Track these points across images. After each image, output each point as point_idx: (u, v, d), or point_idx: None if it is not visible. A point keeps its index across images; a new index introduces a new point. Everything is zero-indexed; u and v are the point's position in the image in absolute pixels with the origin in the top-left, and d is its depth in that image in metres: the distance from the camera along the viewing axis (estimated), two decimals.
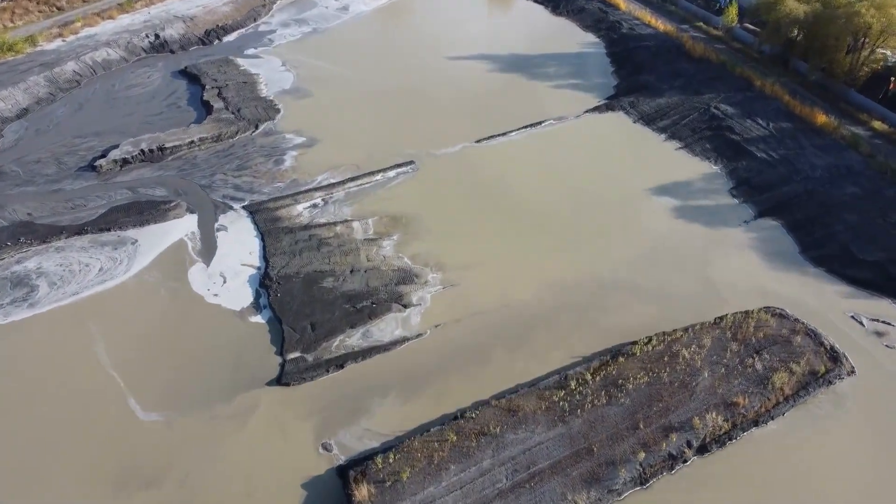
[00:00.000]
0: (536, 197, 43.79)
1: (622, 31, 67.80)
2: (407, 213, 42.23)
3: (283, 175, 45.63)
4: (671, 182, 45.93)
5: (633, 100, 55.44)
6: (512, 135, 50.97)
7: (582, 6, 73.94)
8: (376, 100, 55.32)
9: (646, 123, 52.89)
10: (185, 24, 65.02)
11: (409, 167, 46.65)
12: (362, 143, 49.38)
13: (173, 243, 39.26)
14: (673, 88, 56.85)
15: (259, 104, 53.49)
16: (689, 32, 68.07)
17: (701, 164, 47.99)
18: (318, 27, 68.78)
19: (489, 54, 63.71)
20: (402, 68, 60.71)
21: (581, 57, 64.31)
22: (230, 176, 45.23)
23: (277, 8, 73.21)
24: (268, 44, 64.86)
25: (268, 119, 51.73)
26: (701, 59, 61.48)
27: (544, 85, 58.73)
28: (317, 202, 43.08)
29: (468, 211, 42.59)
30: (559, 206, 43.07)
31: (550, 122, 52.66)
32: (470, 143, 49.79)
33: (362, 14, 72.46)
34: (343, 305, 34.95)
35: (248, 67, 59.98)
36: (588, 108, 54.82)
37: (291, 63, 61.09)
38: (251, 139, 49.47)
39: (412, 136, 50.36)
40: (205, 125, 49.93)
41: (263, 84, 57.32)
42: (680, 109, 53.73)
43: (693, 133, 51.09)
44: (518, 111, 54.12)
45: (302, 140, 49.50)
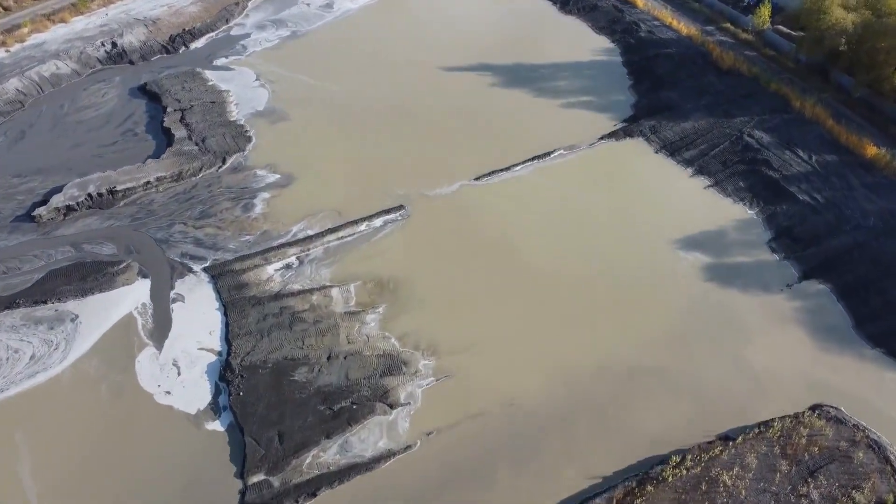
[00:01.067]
0: (544, 253, 38.53)
1: (640, 34, 61.43)
2: (395, 275, 37.06)
3: (253, 225, 40.25)
4: (700, 232, 40.65)
5: (655, 123, 49.62)
6: (517, 169, 45.40)
7: (594, 3, 67.19)
8: (362, 123, 49.52)
9: (669, 154, 47.25)
10: (147, 29, 58.61)
11: (399, 213, 41.25)
12: (345, 181, 43.86)
13: (120, 319, 34.15)
14: (699, 109, 50.97)
15: (228, 131, 47.69)
16: (715, 36, 61.73)
17: (734, 208, 42.59)
18: (298, 29, 62.30)
19: (490, 64, 57.56)
20: (392, 82, 54.68)
21: (594, 67, 58.15)
22: (191, 227, 39.84)
23: (253, 6, 66.46)
24: (240, 51, 58.57)
25: (237, 150, 46.05)
26: (730, 70, 55.38)
27: (553, 103, 52.81)
28: (291, 262, 37.83)
29: (466, 272, 37.41)
30: (571, 265, 37.86)
31: (561, 153, 47.02)
32: (468, 180, 44.24)
33: (348, 13, 65.83)
34: (318, 407, 30.04)
35: (218, 82, 53.92)
36: (604, 134, 49.08)
37: (266, 76, 54.99)
38: (217, 177, 43.90)
39: (402, 170, 44.80)
40: (164, 161, 44.28)
41: (234, 104, 51.39)
42: (708, 137, 48.01)
43: (724, 167, 45.52)
44: (523, 136, 48.42)
45: (275, 178, 43.93)
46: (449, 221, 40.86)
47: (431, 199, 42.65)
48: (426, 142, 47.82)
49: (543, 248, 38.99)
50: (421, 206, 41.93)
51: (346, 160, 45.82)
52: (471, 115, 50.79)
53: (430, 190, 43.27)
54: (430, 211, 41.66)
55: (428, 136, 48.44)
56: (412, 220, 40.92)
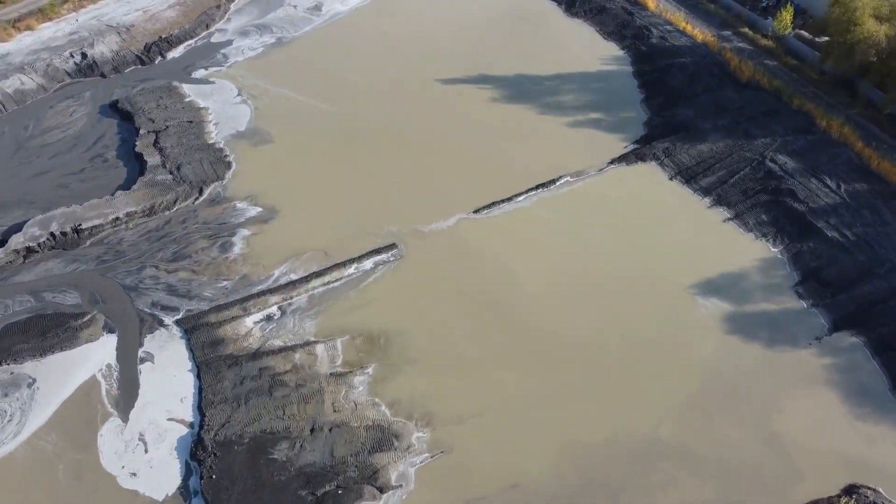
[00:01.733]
0: (549, 302, 35.53)
1: (651, 40, 57.75)
2: (386, 328, 34.16)
3: (231, 268, 37.23)
4: (720, 274, 37.68)
5: (669, 146, 46.33)
6: (519, 199, 42.24)
7: (602, 4, 63.26)
8: (350, 146, 46.14)
9: (685, 181, 44.05)
10: (121, 37, 54.88)
11: (391, 254, 38.21)
12: (332, 214, 40.71)
13: (83, 384, 31.26)
14: (717, 129, 47.62)
15: (205, 156, 44.38)
16: (732, 42, 58.09)
17: (756, 245, 39.58)
18: (284, 35, 58.52)
19: (490, 75, 53.97)
20: (384, 97, 51.14)
21: (602, 78, 54.61)
22: (163, 270, 36.81)
23: (235, 8, 62.42)
24: (221, 61, 54.89)
25: (215, 179, 42.79)
26: (749, 83, 51.92)
27: (559, 121, 49.42)
28: (272, 312, 34.90)
29: (463, 325, 34.51)
30: (579, 317, 34.94)
31: (567, 180, 43.79)
32: (467, 213, 41.12)
33: (338, 16, 61.93)
34: (299, 492, 27.32)
35: (196, 98, 50.40)
36: (614, 158, 45.83)
37: (249, 90, 51.44)
38: (193, 210, 40.72)
39: (395, 201, 41.62)
40: (135, 193, 41.04)
41: (213, 123, 47.95)
42: (727, 161, 44.78)
43: (745, 197, 42.37)
44: (527, 159, 45.15)
45: (256, 212, 40.76)
46: (445, 263, 37.83)
47: (426, 236, 39.57)
48: (420, 167, 44.56)
49: (548, 296, 36.01)
50: (415, 245, 38.87)
51: (334, 189, 42.61)
52: (469, 136, 47.44)
53: (425, 225, 40.17)
54: (424, 250, 38.61)
55: (422, 160, 45.14)
56: (405, 261, 37.89)
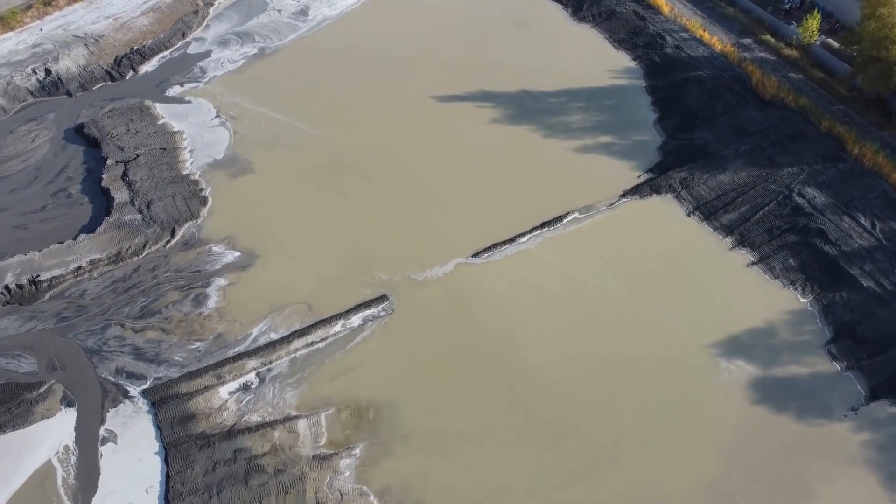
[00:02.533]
0: (557, 365, 32.52)
1: (666, 50, 53.94)
2: (375, 397, 31.26)
3: (205, 326, 34.21)
4: (744, 330, 34.67)
5: (686, 175, 42.96)
6: (523, 240, 39.04)
7: (612, 8, 59.18)
8: (338, 176, 42.64)
9: (704, 217, 40.77)
10: (88, 50, 51.07)
11: (381, 307, 35.16)
12: (317, 259, 37.57)
13: (36, 471, 28.46)
14: (739, 155, 44.20)
15: (179, 191, 41.03)
16: (753, 52, 54.29)
17: (783, 295, 36.51)
18: (267, 45, 54.65)
19: (491, 92, 50.26)
20: (375, 118, 47.45)
21: (613, 94, 50.91)
22: (130, 329, 33.80)
23: (214, 14, 58.38)
24: (198, 76, 51.14)
25: (189, 218, 39.53)
26: (773, 101, 48.30)
27: (565, 146, 45.95)
28: (249, 380, 32.00)
29: (461, 394, 31.59)
30: (590, 381, 31.96)
31: (575, 216, 40.58)
32: (465, 257, 37.99)
33: (326, 23, 57.90)
34: None
35: (170, 120, 46.85)
36: (626, 190, 42.51)
37: (228, 111, 47.84)
38: (164, 256, 37.55)
39: (386, 244, 38.40)
40: (100, 237, 37.79)
41: (188, 150, 44.52)
42: (751, 195, 41.44)
43: (770, 237, 39.17)
44: (530, 192, 41.82)
45: (234, 257, 37.61)
46: (441, 319, 34.78)
47: (421, 285, 36.46)
48: (414, 201, 41.18)
49: (556, 357, 33.01)
50: (408, 297, 35.79)
51: (319, 228, 39.40)
52: (467, 164, 43.98)
53: (418, 272, 37.05)
54: (418, 303, 35.54)
55: (416, 193, 41.71)
56: (397, 316, 34.85)
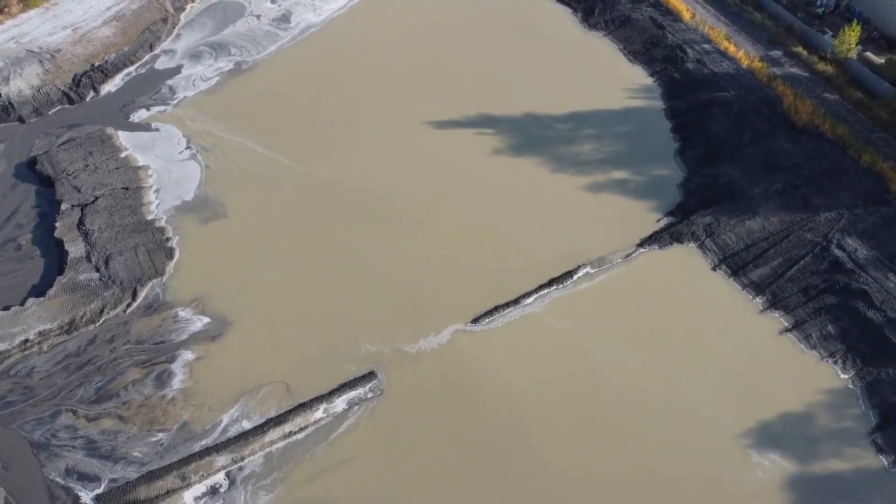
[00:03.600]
0: (569, 455, 29.08)
1: (686, 65, 49.35)
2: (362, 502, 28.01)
3: (169, 412, 30.65)
4: (777, 414, 31.22)
5: (712, 221, 39.01)
6: (528, 301, 35.32)
7: (627, 14, 54.30)
8: (322, 222, 38.48)
9: (732, 271, 36.98)
10: (44, 67, 46.40)
11: (369, 387, 31.55)
12: (296, 329, 33.77)
13: None
14: (770, 196, 40.17)
15: (142, 240, 37.02)
16: (783, 67, 49.74)
17: (821, 370, 32.99)
18: (244, 58, 49.91)
19: (494, 116, 45.83)
20: (364, 151, 42.99)
21: (628, 118, 46.53)
22: (83, 417, 30.15)
23: (186, 21, 53.41)
24: (167, 97, 46.57)
25: (153, 275, 35.65)
26: (807, 129, 44.08)
27: (574, 183, 41.79)
28: (217, 482, 28.60)
29: (462, 494, 28.28)
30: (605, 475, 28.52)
31: (586, 271, 36.80)
32: (464, 323, 34.29)
33: (309, 31, 53.02)
34: None
35: (134, 151, 42.52)
36: (643, 238, 38.61)
37: (199, 140, 43.48)
38: (124, 324, 33.69)
39: (374, 307, 34.57)
40: (50, 301, 33.93)
41: (153, 190, 40.34)
42: (784, 246, 37.58)
43: (806, 298, 35.49)
44: (536, 241, 37.89)
45: (203, 324, 33.83)
46: (436, 402, 31.22)
47: (413, 359, 32.83)
48: (406, 256, 37.11)
49: (566, 450, 29.50)
50: (398, 373, 32.18)
51: (299, 289, 35.52)
52: (466, 208, 39.74)
53: (411, 342, 33.37)
54: (410, 382, 31.93)
55: (408, 246, 37.62)
56: (386, 398, 31.29)
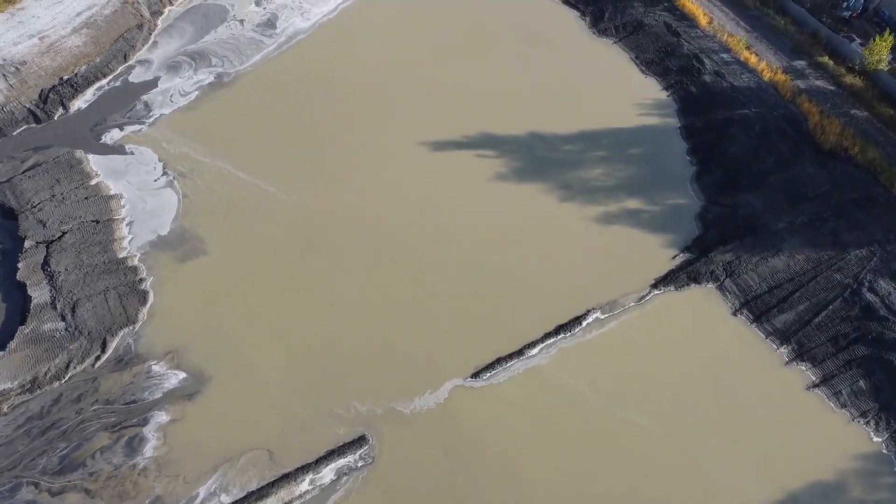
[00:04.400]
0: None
1: (704, 77, 46.13)
2: None
3: (140, 484, 28.23)
4: (805, 484, 28.86)
5: (732, 258, 36.30)
6: (533, 352, 32.77)
7: (639, 19, 50.77)
8: (309, 263, 35.62)
9: (754, 317, 34.38)
10: (8, 83, 43.05)
11: (359, 454, 29.13)
12: (281, 387, 31.14)
13: None
14: (795, 230, 37.45)
15: (113, 283, 34.26)
16: (808, 79, 46.55)
17: (851, 432, 30.56)
18: (226, 70, 46.58)
19: (495, 135, 42.78)
20: (355, 177, 39.84)
21: (641, 137, 43.48)
22: (46, 490, 27.68)
23: (163, 26, 49.91)
24: (142, 114, 43.36)
25: (125, 323, 32.93)
26: (835, 151, 41.17)
27: (582, 213, 38.96)
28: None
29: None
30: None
31: (596, 317, 34.21)
32: (463, 378, 31.79)
33: (297, 38, 49.55)
34: None
35: (105, 178, 39.53)
36: (657, 278, 35.97)
37: (177, 164, 40.47)
38: (92, 380, 31.05)
39: (366, 362, 31.88)
40: (11, 357, 31.15)
41: (126, 223, 37.43)
42: (811, 288, 34.95)
43: (835, 349, 32.98)
44: (542, 282, 35.17)
45: (179, 380, 31.26)
46: (434, 469, 28.83)
47: (408, 420, 30.35)
48: (400, 302, 34.30)
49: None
50: (392, 437, 29.72)
51: (284, 339, 32.73)
52: (465, 245, 36.75)
53: (406, 401, 30.86)
54: (405, 447, 29.47)
55: (403, 289, 34.72)
56: (378, 467, 28.86)
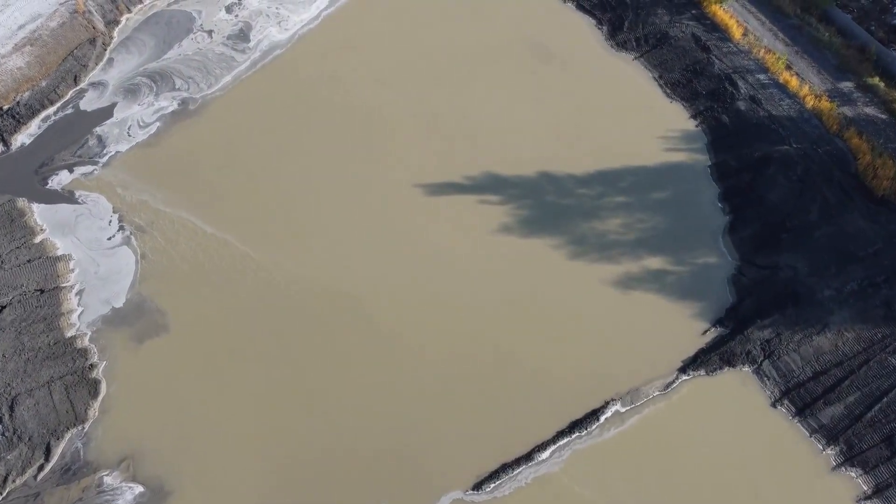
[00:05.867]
0: None
1: (737, 104, 40.97)
2: None
3: None
4: None
5: (771, 335, 32.12)
6: (543, 456, 28.84)
7: (663, 30, 45.03)
8: (285, 344, 31.24)
9: (796, 409, 30.35)
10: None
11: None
12: (252, 497, 27.61)
13: None
14: (843, 300, 33.16)
15: (59, 372, 29.98)
16: (856, 105, 41.49)
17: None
18: (192, 94, 41.06)
19: (497, 175, 37.86)
20: (337, 230, 35.13)
21: (666, 179, 38.55)
22: None
23: (120, 39, 43.99)
24: (95, 152, 38.16)
25: (73, 422, 28.79)
26: (888, 199, 36.61)
27: (599, 276, 34.40)
28: None
29: None
30: None
31: (616, 409, 30.28)
32: (463, 491, 27.96)
33: (273, 53, 43.70)
34: None
35: (51, 234, 34.74)
36: (685, 361, 31.87)
37: (134, 215, 35.55)
38: (34, 498, 27.12)
39: (350, 470, 28.04)
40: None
41: (75, 292, 32.87)
42: (862, 376, 30.80)
43: (890, 452, 29.05)
44: (553, 369, 31.02)
45: (136, 496, 27.14)
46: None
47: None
48: (393, 397, 30.10)
49: None
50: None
51: (257, 440, 28.69)
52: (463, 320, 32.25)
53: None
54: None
55: (391, 380, 30.43)
56: None
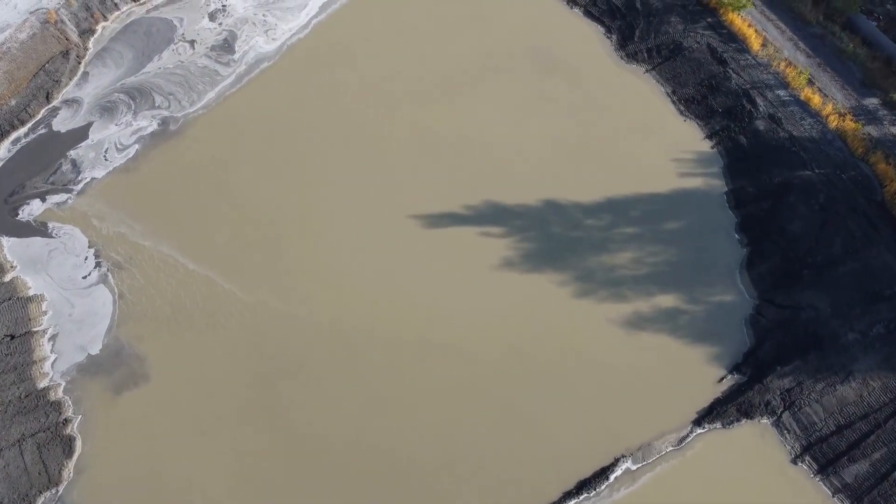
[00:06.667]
0: None
1: (755, 123, 38.65)
2: None
3: None
4: None
5: (792, 384, 30.34)
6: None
7: (677, 40, 42.37)
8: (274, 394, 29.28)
9: (819, 467, 28.71)
10: None
11: None
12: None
13: None
14: (869, 345, 31.32)
15: (31, 428, 28.03)
16: (882, 124, 39.20)
17: None
18: (173, 112, 38.52)
19: (499, 205, 35.61)
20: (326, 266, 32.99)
21: (678, 208, 36.39)
22: None
23: (96, 50, 41.16)
24: (69, 179, 35.81)
25: (46, 486, 26.96)
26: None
27: (607, 316, 32.44)
28: None
29: None
30: None
31: (626, 467, 28.65)
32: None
33: (261, 64, 40.96)
34: None
35: (23, 272, 32.52)
36: (700, 413, 30.12)
37: (111, 250, 33.37)
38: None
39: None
40: None
41: (48, 338, 30.86)
42: (889, 431, 29.16)
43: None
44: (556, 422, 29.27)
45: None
46: None
47: None
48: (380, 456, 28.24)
49: None
50: None
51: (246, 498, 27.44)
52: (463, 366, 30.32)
53: None
54: None
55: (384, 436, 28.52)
56: None
